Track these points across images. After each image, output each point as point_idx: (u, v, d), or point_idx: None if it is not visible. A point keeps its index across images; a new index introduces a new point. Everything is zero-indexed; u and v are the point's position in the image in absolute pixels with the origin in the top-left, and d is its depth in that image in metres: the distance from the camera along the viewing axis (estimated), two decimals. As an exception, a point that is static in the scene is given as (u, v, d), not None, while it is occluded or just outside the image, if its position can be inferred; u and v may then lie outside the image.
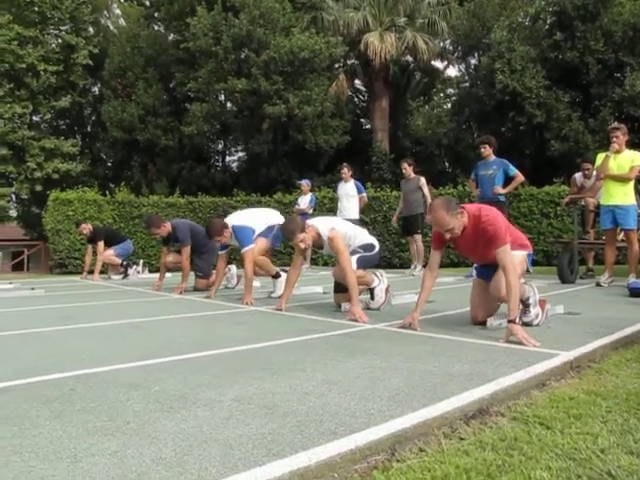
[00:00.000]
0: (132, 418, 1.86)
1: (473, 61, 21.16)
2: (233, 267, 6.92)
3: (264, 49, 15.83)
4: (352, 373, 2.44)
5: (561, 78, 15.07)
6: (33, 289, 6.83)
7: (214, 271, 6.49)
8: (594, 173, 7.54)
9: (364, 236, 4.78)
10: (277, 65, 15.68)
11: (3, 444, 1.64)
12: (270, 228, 5.70)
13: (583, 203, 7.65)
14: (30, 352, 3.05)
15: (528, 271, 3.75)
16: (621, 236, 6.96)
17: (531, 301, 3.67)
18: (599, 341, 3.05)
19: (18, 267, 19.59)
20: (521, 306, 3.51)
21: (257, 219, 5.72)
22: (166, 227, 6.56)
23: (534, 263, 7.02)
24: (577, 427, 1.86)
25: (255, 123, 16.99)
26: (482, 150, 7.75)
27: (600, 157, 6.65)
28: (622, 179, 6.33)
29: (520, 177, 7.69)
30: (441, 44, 20.44)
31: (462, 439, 1.81)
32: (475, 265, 3.97)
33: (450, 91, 25.30)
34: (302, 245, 4.43)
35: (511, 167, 7.65)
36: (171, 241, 6.75)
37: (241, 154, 22.50)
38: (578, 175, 8.03)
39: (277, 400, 2.05)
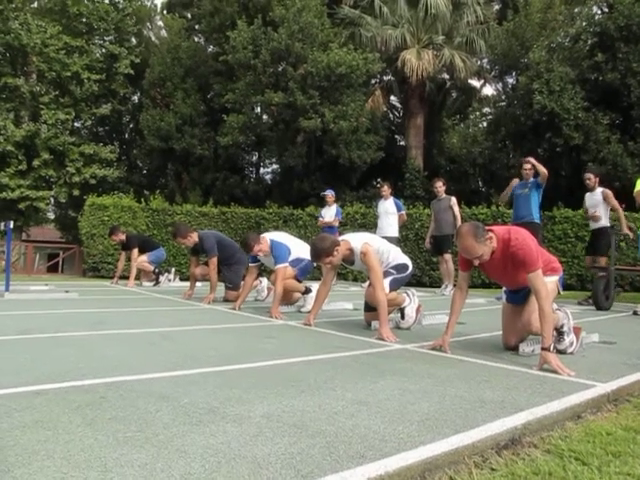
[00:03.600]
0: (161, 430, 1.87)
1: (510, 80, 21.03)
2: (264, 280, 6.94)
3: (302, 63, 16.00)
4: (382, 394, 2.41)
5: (600, 100, 14.84)
6: (67, 292, 6.96)
7: (243, 282, 6.53)
8: (598, 190, 7.60)
9: (397, 254, 4.73)
10: (314, 79, 15.82)
11: (38, 448, 1.67)
12: (299, 260, 5.68)
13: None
14: (63, 356, 3.10)
15: (559, 293, 3.66)
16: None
17: (565, 329, 3.58)
18: (638, 374, 2.95)
19: (53, 269, 20.02)
20: (555, 333, 3.43)
21: (293, 246, 5.73)
22: (192, 237, 6.61)
23: (567, 287, 6.96)
24: (616, 466, 1.79)
25: (290, 136, 17.13)
26: (527, 172, 7.59)
27: (639, 182, 6.50)
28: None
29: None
30: (478, 63, 20.35)
31: (493, 470, 1.76)
32: (504, 289, 3.90)
33: (486, 110, 25.12)
34: (329, 266, 4.46)
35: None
36: (199, 251, 6.81)
37: (275, 166, 22.70)
38: (587, 194, 7.90)
39: (306, 419, 2.04)
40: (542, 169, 7.32)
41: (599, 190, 7.64)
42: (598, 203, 7.58)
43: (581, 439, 2.05)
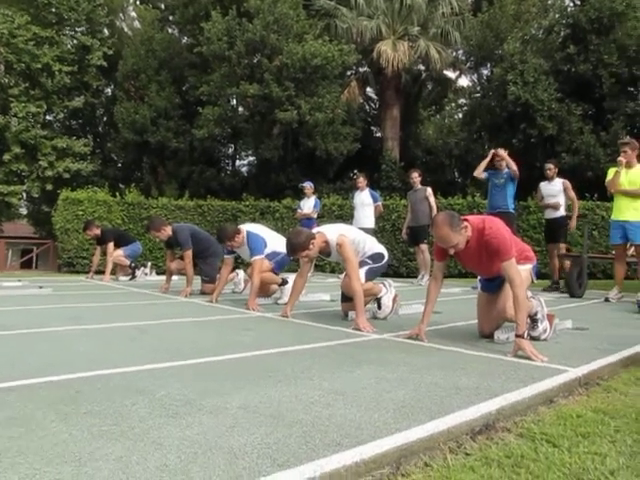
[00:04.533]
0: (137, 423, 1.86)
1: (485, 72, 21.19)
2: (241, 272, 6.93)
3: (277, 55, 15.89)
4: (358, 384, 2.43)
5: (573, 91, 15.06)
6: (41, 287, 6.85)
7: (219, 275, 6.50)
8: (558, 180, 7.78)
9: (373, 244, 4.76)
10: (289, 71, 15.74)
11: (9, 445, 1.64)
12: (275, 254, 5.68)
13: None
14: (37, 352, 3.06)
15: (532, 282, 3.72)
16: (631, 251, 6.95)
17: (539, 316, 3.65)
18: (608, 358, 3.03)
19: (27, 265, 19.66)
20: (529, 321, 3.49)
21: (270, 239, 5.72)
22: (166, 231, 6.57)
23: (541, 276, 7.10)
24: (585, 446, 1.84)
25: (266, 128, 17.04)
26: (500, 162, 7.72)
27: (611, 172, 6.62)
28: (633, 194, 6.30)
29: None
30: (454, 54, 20.46)
31: (468, 454, 1.79)
32: (479, 278, 3.95)
33: (462, 101, 25.27)
34: (305, 259, 4.47)
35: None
36: (173, 245, 6.77)
37: (251, 159, 22.57)
38: (542, 183, 8.05)
39: (283, 409, 2.05)
40: (513, 166, 7.52)
41: (559, 180, 7.82)
42: (558, 193, 7.77)
43: (553, 422, 2.10)
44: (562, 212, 7.76)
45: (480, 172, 7.97)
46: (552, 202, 7.77)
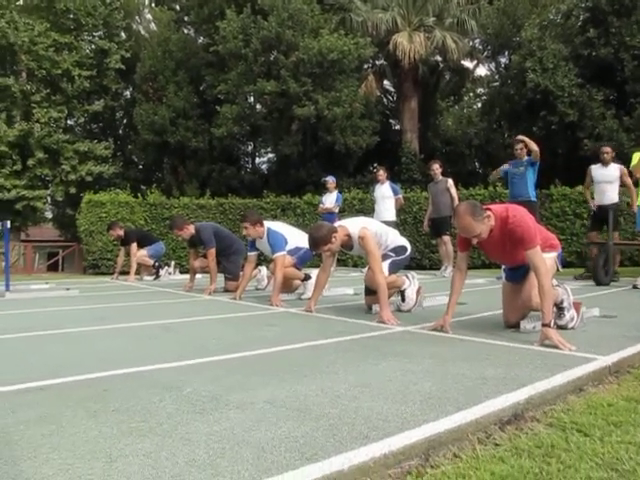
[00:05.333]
0: (165, 419, 1.87)
1: (503, 60, 20.91)
2: (263, 269, 6.96)
3: (293, 51, 15.89)
4: (384, 376, 2.42)
5: (594, 75, 14.78)
6: (68, 289, 6.96)
7: (242, 272, 6.53)
8: (614, 165, 7.53)
9: (396, 237, 4.73)
10: (306, 67, 15.73)
11: (43, 442, 1.67)
12: (298, 249, 5.70)
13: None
14: (65, 352, 3.11)
15: (558, 270, 3.66)
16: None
17: (565, 304, 3.59)
18: (638, 346, 2.96)
19: (53, 267, 20.02)
20: (555, 309, 3.44)
21: (291, 235, 5.73)
22: (188, 229, 6.64)
23: (567, 264, 6.99)
24: (617, 435, 1.80)
25: (284, 125, 17.06)
26: (519, 151, 7.54)
27: (636, 157, 6.49)
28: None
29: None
30: (470, 43, 20.22)
31: (497, 445, 1.77)
32: (504, 267, 3.90)
33: (480, 90, 25.00)
34: (328, 253, 4.46)
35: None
36: (197, 244, 6.82)
37: (271, 155, 22.62)
38: (594, 167, 7.82)
39: (309, 403, 2.05)
40: (533, 146, 7.30)
41: (615, 166, 7.52)
42: (614, 179, 7.47)
43: (583, 411, 2.06)
44: (616, 199, 7.51)
45: (495, 175, 7.90)
46: (601, 189, 7.52)
